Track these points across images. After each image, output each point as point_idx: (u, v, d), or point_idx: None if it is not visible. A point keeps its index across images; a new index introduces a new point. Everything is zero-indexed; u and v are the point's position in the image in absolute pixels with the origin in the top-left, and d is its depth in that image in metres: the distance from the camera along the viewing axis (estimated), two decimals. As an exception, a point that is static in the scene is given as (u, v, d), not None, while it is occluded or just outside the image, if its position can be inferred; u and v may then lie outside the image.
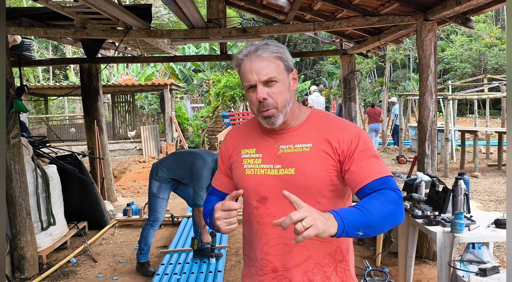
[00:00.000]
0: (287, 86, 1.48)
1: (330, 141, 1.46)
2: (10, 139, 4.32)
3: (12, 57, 5.36)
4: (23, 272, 4.41)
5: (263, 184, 1.51)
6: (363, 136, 1.47)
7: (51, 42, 24.51)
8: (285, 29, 4.76)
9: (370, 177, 1.40)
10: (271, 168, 1.51)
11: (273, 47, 1.46)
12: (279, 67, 1.46)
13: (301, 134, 1.52)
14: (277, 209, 1.49)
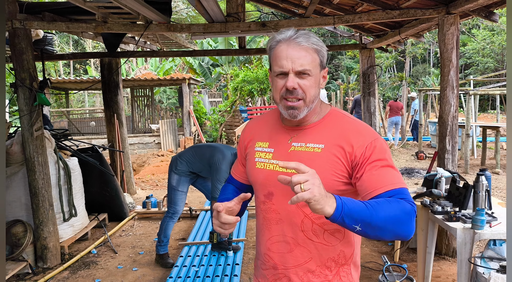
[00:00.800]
0: (318, 82, 1.43)
1: (343, 145, 1.41)
2: (34, 132, 4.41)
3: (35, 51, 5.46)
4: (45, 261, 4.52)
5: (271, 179, 1.49)
6: (379, 144, 1.40)
7: (72, 37, 24.86)
8: (305, 23, 4.73)
9: (383, 187, 1.33)
10: None
11: (313, 38, 1.39)
12: (315, 61, 1.40)
13: (316, 133, 1.47)
14: (281, 206, 1.48)
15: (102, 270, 4.45)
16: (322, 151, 1.42)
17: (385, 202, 1.27)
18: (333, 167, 1.40)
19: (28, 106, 4.39)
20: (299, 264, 1.47)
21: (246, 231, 5.35)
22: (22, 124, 4.42)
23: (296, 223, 1.45)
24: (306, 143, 1.45)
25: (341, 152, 1.40)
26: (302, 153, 1.45)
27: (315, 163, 1.40)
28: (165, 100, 19.31)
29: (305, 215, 1.44)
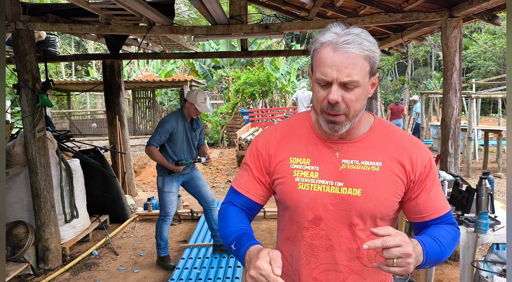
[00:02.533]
0: (366, 93, 1.24)
1: (403, 162, 1.29)
2: (36, 133, 4.41)
3: (37, 52, 5.46)
4: (47, 263, 4.51)
5: (320, 202, 1.31)
6: (433, 160, 1.34)
7: (74, 38, 24.89)
8: (307, 25, 4.74)
9: (437, 212, 1.32)
10: (331, 184, 1.31)
11: (366, 42, 1.18)
12: (365, 69, 1.19)
13: (367, 148, 1.31)
14: (333, 232, 1.32)
15: (104, 272, 4.44)
16: (381, 169, 1.28)
17: (447, 233, 1.30)
18: (394, 187, 1.29)
19: (30, 107, 4.39)
20: None
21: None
22: (25, 126, 4.42)
23: (352, 250, 1.32)
24: (361, 160, 1.29)
25: (401, 170, 1.29)
26: (358, 172, 1.29)
27: (376, 183, 1.27)
28: (167, 102, 19.32)
29: (362, 240, 1.31)
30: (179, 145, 4.29)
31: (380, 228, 1.12)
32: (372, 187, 1.27)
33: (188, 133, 4.35)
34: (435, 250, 1.21)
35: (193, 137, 4.41)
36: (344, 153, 1.32)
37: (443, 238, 1.26)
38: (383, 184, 1.28)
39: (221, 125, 15.19)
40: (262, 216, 6.08)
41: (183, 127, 4.29)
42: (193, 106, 4.24)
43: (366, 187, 1.28)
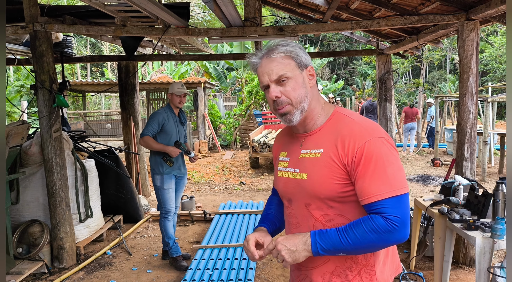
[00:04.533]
0: (301, 82, 1.49)
1: (337, 147, 1.44)
2: (52, 133, 4.47)
3: (54, 54, 5.54)
4: (61, 261, 4.56)
5: (287, 186, 1.59)
6: (373, 146, 1.39)
7: (90, 40, 25.19)
8: (322, 28, 4.73)
9: (368, 198, 1.38)
10: (293, 171, 1.57)
11: (281, 47, 1.49)
12: (290, 65, 1.48)
13: (318, 138, 1.52)
14: (298, 211, 1.57)
15: (117, 272, 4.48)
16: (321, 155, 1.47)
17: (360, 226, 1.36)
18: (331, 171, 1.44)
19: (47, 107, 4.45)
20: (317, 265, 1.53)
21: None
22: (41, 126, 4.48)
23: (310, 226, 1.53)
24: (311, 149, 1.52)
25: (336, 154, 1.43)
26: (307, 159, 1.52)
27: (316, 168, 1.47)
28: (180, 104, 19.40)
29: (315, 218, 1.51)
30: (172, 137, 4.45)
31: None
32: (314, 171, 1.48)
33: (177, 126, 4.52)
34: (331, 241, 1.38)
35: (181, 131, 4.57)
36: (304, 144, 1.56)
37: (351, 230, 1.36)
38: (322, 167, 1.45)
39: (234, 127, 15.22)
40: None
41: (173, 120, 4.48)
42: (173, 95, 4.45)
43: (310, 172, 1.49)
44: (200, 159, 12.71)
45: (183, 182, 4.71)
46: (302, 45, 27.82)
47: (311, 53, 9.01)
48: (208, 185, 9.24)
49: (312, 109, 1.53)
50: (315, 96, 1.54)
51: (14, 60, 6.91)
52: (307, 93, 1.50)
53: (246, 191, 8.40)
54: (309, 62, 1.53)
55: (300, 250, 1.41)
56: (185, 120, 4.64)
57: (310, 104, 1.51)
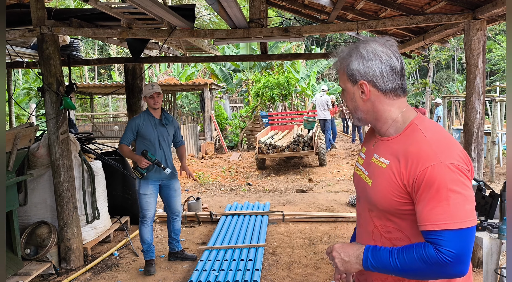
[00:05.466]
0: (351, 96, 1.50)
1: (401, 165, 1.36)
2: (59, 135, 4.51)
3: (61, 56, 5.58)
4: (69, 263, 4.59)
5: (358, 184, 1.61)
6: (436, 172, 1.28)
7: (97, 43, 25.36)
8: (327, 28, 4.72)
9: (425, 225, 1.30)
10: (364, 172, 1.57)
11: (339, 58, 1.52)
12: (343, 77, 1.51)
13: (388, 147, 1.46)
14: (362, 212, 1.59)
15: (124, 273, 4.50)
16: (387, 167, 1.42)
17: (411, 252, 1.32)
18: (391, 186, 1.39)
19: (54, 110, 4.49)
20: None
21: (266, 236, 5.33)
22: (49, 128, 4.52)
23: (369, 231, 1.53)
24: (380, 157, 1.48)
25: (398, 171, 1.37)
26: (375, 166, 1.49)
27: (379, 179, 1.44)
28: (187, 105, 19.48)
29: (375, 226, 1.50)
30: (151, 141, 4.34)
31: None
32: (377, 180, 1.45)
33: (157, 129, 4.37)
34: (382, 260, 1.37)
35: (164, 133, 4.43)
36: (376, 147, 1.54)
37: (402, 254, 1.33)
38: (384, 180, 1.42)
39: (241, 128, 15.24)
40: (281, 219, 6.07)
41: (151, 124, 4.35)
42: (146, 98, 4.33)
43: (374, 180, 1.47)
44: (207, 160, 12.73)
45: (172, 186, 4.55)
46: (308, 46, 27.74)
47: (317, 54, 9.00)
48: (215, 186, 9.25)
49: (377, 120, 1.50)
50: (376, 109, 1.47)
51: (22, 63, 6.98)
52: (357, 107, 1.50)
53: (253, 192, 8.40)
54: (364, 75, 1.44)
55: (352, 262, 1.44)
56: (167, 121, 4.46)
57: (368, 116, 1.50)
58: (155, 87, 4.29)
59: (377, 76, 1.43)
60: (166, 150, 4.47)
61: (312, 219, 6.07)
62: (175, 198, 4.59)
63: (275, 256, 4.81)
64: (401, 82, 1.46)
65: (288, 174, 10.31)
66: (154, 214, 4.53)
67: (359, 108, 1.50)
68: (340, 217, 6.04)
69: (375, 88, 1.45)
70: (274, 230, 5.71)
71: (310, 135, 10.50)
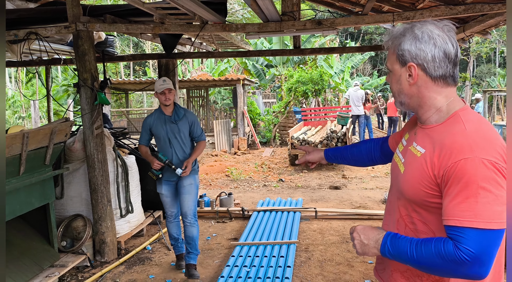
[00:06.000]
0: (397, 78, 1.44)
1: (435, 155, 1.30)
2: (94, 130, 4.58)
3: (96, 53, 5.68)
4: (103, 255, 4.67)
5: (393, 171, 1.56)
6: (469, 166, 1.21)
7: (132, 40, 25.82)
8: (362, 20, 4.59)
9: (448, 220, 1.25)
10: (400, 159, 1.51)
11: (391, 37, 1.44)
12: (392, 57, 1.44)
13: (427, 136, 1.39)
14: (391, 199, 1.55)
15: (156, 267, 4.53)
16: (420, 156, 1.37)
17: (429, 244, 1.27)
18: (421, 176, 1.34)
19: (89, 105, 4.56)
20: None
21: (298, 233, 5.26)
22: (84, 123, 4.60)
23: (395, 220, 1.50)
24: (417, 144, 1.42)
25: (431, 161, 1.32)
26: (410, 153, 1.44)
27: (411, 167, 1.40)
28: (220, 101, 19.58)
29: (401, 215, 1.47)
30: (162, 139, 4.16)
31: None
32: (409, 168, 1.41)
33: (167, 126, 4.14)
34: (399, 249, 1.32)
35: (174, 130, 4.14)
36: (417, 135, 1.46)
37: (420, 246, 1.28)
38: (415, 169, 1.37)
39: (274, 124, 15.17)
40: (313, 216, 5.98)
41: (161, 121, 4.16)
42: (157, 94, 4.11)
43: (407, 168, 1.42)
44: (239, 156, 12.75)
45: (182, 183, 4.16)
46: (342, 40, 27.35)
47: (351, 48, 8.82)
48: (247, 181, 9.24)
49: (420, 106, 1.42)
50: (421, 95, 1.40)
51: (60, 60, 7.15)
52: (401, 91, 1.44)
53: (285, 188, 8.34)
54: (414, 57, 1.36)
55: (370, 245, 1.41)
56: (177, 117, 4.15)
57: (411, 101, 1.44)
58: (167, 83, 4.07)
59: (428, 60, 1.35)
60: (177, 148, 4.16)
61: (345, 216, 5.96)
62: (183, 195, 4.16)
63: (307, 253, 4.74)
64: (453, 71, 1.37)
65: (321, 170, 10.19)
66: (178, 211, 4.35)
67: (403, 92, 1.44)
68: (375, 214, 5.90)
69: (424, 73, 1.38)
70: (307, 227, 5.64)
71: (343, 131, 10.33)
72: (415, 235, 1.40)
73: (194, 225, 4.19)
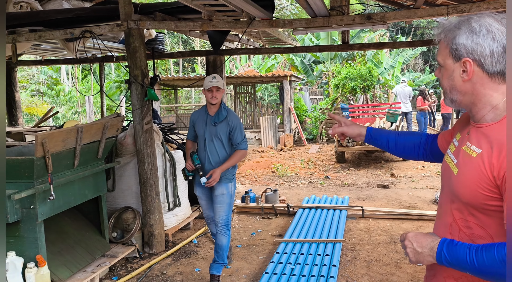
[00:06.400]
0: (449, 73, 1.36)
1: (493, 154, 1.23)
2: (144, 125, 4.70)
3: (147, 50, 5.83)
4: (151, 247, 4.80)
5: (444, 173, 1.49)
6: None
7: (181, 37, 26.33)
8: (414, 14, 4.43)
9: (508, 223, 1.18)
10: (452, 160, 1.43)
11: (444, 29, 1.36)
12: (444, 52, 1.36)
13: (483, 135, 1.31)
14: (443, 203, 1.47)
15: (202, 260, 4.61)
16: (477, 156, 1.29)
17: (490, 249, 1.20)
18: (479, 178, 1.26)
19: (139, 101, 4.69)
20: None
21: (344, 232, 5.17)
22: (134, 118, 4.73)
23: (447, 224, 1.42)
24: (471, 144, 1.34)
25: (489, 162, 1.24)
26: (464, 153, 1.36)
27: (466, 168, 1.32)
28: (267, 97, 19.60)
29: (454, 219, 1.39)
30: (199, 138, 3.95)
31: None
32: (464, 170, 1.32)
33: (206, 127, 3.87)
34: (457, 256, 1.25)
35: (212, 132, 3.84)
36: (470, 134, 1.38)
37: (481, 253, 1.21)
38: (472, 170, 1.29)
39: (320, 120, 15.03)
40: (360, 214, 5.87)
41: (203, 120, 3.90)
42: (204, 91, 3.83)
43: (461, 169, 1.34)
44: (286, 152, 12.72)
45: (214, 192, 3.92)
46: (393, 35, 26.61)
47: (402, 43, 8.55)
48: (293, 178, 9.20)
49: (474, 104, 1.34)
50: (476, 92, 1.32)
51: (113, 57, 7.40)
52: (453, 87, 1.36)
53: (331, 186, 8.24)
54: (470, 52, 1.28)
55: (425, 254, 1.34)
56: (217, 119, 3.83)
57: (464, 99, 1.35)
58: (216, 80, 3.75)
59: (485, 55, 1.27)
60: (212, 153, 3.86)
61: (393, 216, 5.80)
62: (215, 204, 3.94)
63: (353, 253, 4.65)
64: None
65: (368, 168, 9.98)
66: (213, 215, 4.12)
67: (456, 89, 1.35)
68: (425, 215, 5.70)
69: (480, 69, 1.29)
70: (353, 226, 5.54)
71: (393, 129, 10.06)
72: (471, 240, 1.33)
73: (225, 234, 3.98)
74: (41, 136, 3.31)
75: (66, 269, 3.82)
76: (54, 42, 6.60)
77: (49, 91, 18.99)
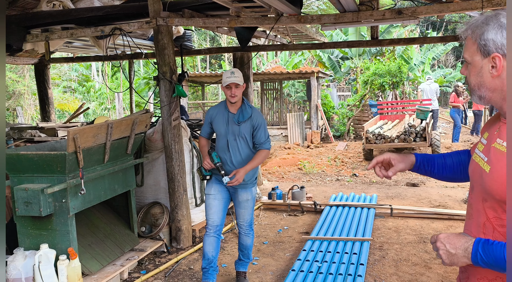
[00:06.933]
0: (478, 70, 1.34)
1: None
2: (172, 121, 4.75)
3: (175, 47, 5.87)
4: (179, 242, 4.85)
5: (474, 172, 1.45)
6: None
7: (209, 34, 26.47)
8: (447, 8, 4.31)
9: None
10: (482, 158, 1.40)
11: (471, 25, 1.35)
12: (471, 48, 1.35)
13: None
14: (475, 202, 1.43)
15: (228, 256, 4.62)
16: None
17: None
18: None
19: (168, 97, 4.73)
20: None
21: (372, 230, 5.10)
22: (162, 114, 4.78)
23: (480, 223, 1.39)
24: (503, 141, 1.32)
25: None
26: (496, 150, 1.34)
27: (500, 164, 1.29)
28: (293, 94, 19.50)
29: (487, 217, 1.36)
30: (220, 139, 3.66)
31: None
32: (497, 166, 1.30)
33: (228, 126, 3.60)
34: (494, 256, 1.22)
35: (236, 132, 3.59)
36: (500, 131, 1.36)
37: None
38: (503, 167, 1.27)
39: (348, 117, 14.86)
40: (388, 213, 5.78)
41: (223, 118, 3.63)
42: (223, 88, 3.54)
43: (494, 166, 1.31)
44: (312, 149, 12.63)
45: (237, 196, 3.73)
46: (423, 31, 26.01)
47: (433, 38, 8.35)
48: (320, 175, 9.14)
49: (505, 100, 1.32)
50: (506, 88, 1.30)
51: (141, 54, 7.49)
52: (482, 84, 1.34)
53: (359, 183, 8.14)
54: (500, 47, 1.27)
55: (459, 255, 1.31)
56: (242, 117, 3.56)
57: (494, 95, 1.34)
58: (235, 76, 3.47)
59: None
60: (235, 153, 3.61)
61: (423, 215, 5.68)
62: (238, 209, 3.78)
63: (382, 252, 4.58)
64: None
65: (397, 165, 9.81)
66: (221, 225, 3.75)
67: (484, 85, 1.34)
68: (455, 214, 5.56)
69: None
70: (381, 224, 5.45)
71: (423, 126, 9.86)
72: (505, 238, 1.29)
73: (249, 234, 3.85)
74: (72, 132, 3.39)
75: (96, 262, 3.90)
76: (85, 40, 6.73)
77: (80, 87, 19.43)
